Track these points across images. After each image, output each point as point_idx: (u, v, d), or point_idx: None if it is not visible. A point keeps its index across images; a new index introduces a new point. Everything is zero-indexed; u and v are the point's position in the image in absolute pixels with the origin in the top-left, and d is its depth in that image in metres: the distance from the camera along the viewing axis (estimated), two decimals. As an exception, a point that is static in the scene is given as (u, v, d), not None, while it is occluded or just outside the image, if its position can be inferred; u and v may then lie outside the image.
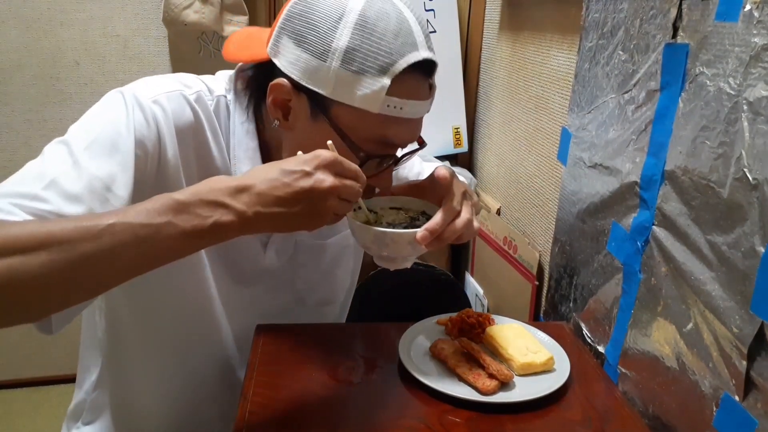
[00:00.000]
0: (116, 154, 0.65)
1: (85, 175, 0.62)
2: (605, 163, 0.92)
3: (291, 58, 0.68)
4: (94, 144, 0.64)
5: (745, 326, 0.62)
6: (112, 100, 0.69)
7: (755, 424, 0.61)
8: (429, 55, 0.68)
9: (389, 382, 0.79)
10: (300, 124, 0.71)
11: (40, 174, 0.60)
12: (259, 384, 0.76)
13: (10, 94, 1.83)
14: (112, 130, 0.65)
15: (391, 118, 0.68)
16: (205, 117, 0.74)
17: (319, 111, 0.69)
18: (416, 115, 0.70)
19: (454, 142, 1.73)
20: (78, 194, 0.60)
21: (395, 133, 0.70)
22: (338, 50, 0.65)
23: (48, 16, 1.79)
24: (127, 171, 0.65)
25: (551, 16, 1.23)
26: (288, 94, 0.70)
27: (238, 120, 0.76)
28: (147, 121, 0.67)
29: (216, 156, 0.76)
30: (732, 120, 0.64)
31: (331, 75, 0.66)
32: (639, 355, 0.83)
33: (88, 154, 0.63)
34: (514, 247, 1.35)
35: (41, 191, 0.58)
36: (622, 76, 0.87)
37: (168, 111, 0.69)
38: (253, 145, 0.77)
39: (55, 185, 0.59)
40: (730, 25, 0.65)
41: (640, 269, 0.82)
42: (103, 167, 0.63)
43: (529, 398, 0.75)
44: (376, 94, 0.65)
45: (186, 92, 0.72)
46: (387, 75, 0.65)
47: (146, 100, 0.68)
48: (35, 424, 1.90)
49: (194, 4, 1.69)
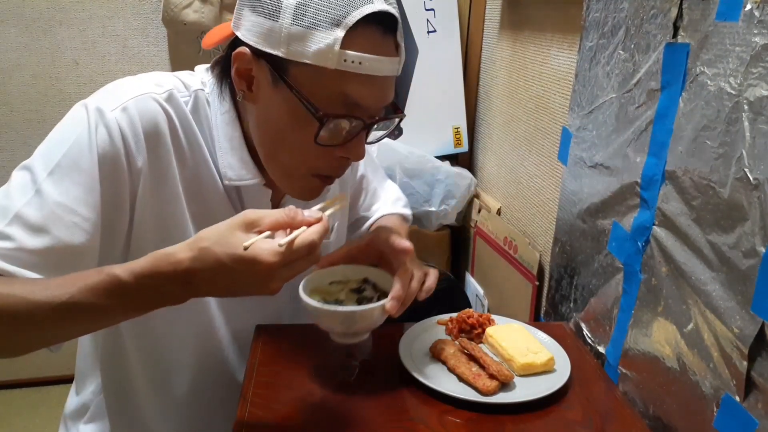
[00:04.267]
0: (79, 176, 0.65)
1: (49, 204, 0.63)
2: (606, 162, 0.92)
3: (248, 24, 0.67)
4: (56, 169, 0.65)
5: (746, 326, 0.62)
6: (75, 118, 0.68)
7: (756, 424, 0.61)
8: (386, 7, 0.66)
9: (389, 382, 0.79)
10: (263, 93, 0.70)
11: (4, 208, 0.63)
12: (259, 384, 0.76)
13: (10, 93, 1.82)
14: (74, 152, 0.66)
15: (349, 74, 0.65)
16: (177, 116, 0.72)
17: (278, 75, 0.67)
18: (378, 72, 0.66)
19: (454, 142, 1.73)
20: (42, 225, 0.63)
21: (356, 91, 0.66)
22: (289, 6, 0.64)
23: (47, 15, 1.79)
24: (93, 191, 0.66)
25: (551, 15, 1.23)
26: (249, 62, 0.69)
27: (219, 111, 0.76)
28: (110, 136, 0.67)
29: (198, 152, 0.75)
30: (733, 120, 0.64)
31: (284, 33, 0.64)
32: (639, 356, 0.83)
33: (51, 180, 0.64)
34: (514, 247, 1.35)
35: (5, 228, 0.61)
36: (622, 75, 0.87)
37: (135, 118, 0.68)
38: (237, 134, 0.76)
39: (18, 219, 0.62)
40: (730, 25, 0.65)
41: (641, 269, 0.82)
42: (68, 191, 0.64)
43: (530, 399, 0.75)
44: (330, 48, 0.63)
45: (155, 93, 0.71)
46: (340, 27, 0.63)
47: (110, 113, 0.67)
48: (34, 424, 1.90)
49: (194, 4, 1.68)
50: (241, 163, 0.76)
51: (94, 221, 0.66)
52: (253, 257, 0.55)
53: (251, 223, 0.57)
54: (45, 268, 0.62)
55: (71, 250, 0.64)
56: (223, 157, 0.76)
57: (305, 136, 0.68)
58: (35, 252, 0.62)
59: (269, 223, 0.58)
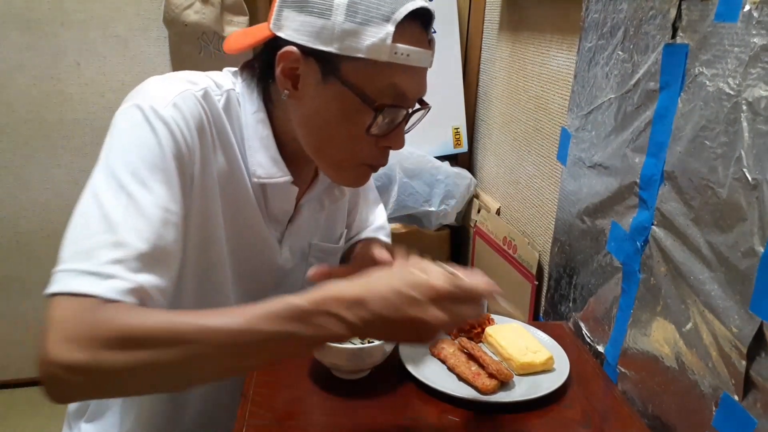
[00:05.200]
0: (159, 174, 0.66)
1: (145, 207, 0.63)
2: (605, 163, 0.92)
3: (295, 25, 0.70)
4: (137, 171, 0.65)
5: (745, 326, 0.62)
6: (133, 120, 0.69)
7: (754, 423, 0.61)
8: (425, 4, 0.70)
9: (389, 382, 0.79)
10: (310, 91, 0.72)
11: (106, 219, 0.61)
12: (259, 384, 0.76)
13: (11, 94, 1.82)
14: (147, 152, 0.66)
15: (399, 66, 0.70)
16: (212, 113, 0.74)
17: (329, 72, 0.70)
18: (421, 63, 0.72)
19: (454, 142, 1.73)
20: (144, 228, 0.62)
21: (405, 82, 0.71)
22: (341, 5, 0.67)
23: (49, 16, 1.79)
24: (173, 186, 0.67)
25: (551, 16, 1.23)
26: (296, 61, 0.71)
27: (249, 111, 0.77)
28: (171, 132, 0.68)
29: (230, 149, 0.76)
30: (731, 120, 0.64)
31: (337, 30, 0.67)
32: (638, 355, 0.83)
33: (136, 183, 0.64)
34: (513, 247, 1.36)
35: (117, 237, 0.60)
36: (621, 76, 0.87)
37: (186, 113, 0.70)
38: (266, 133, 0.78)
39: (125, 226, 0.61)
40: (729, 26, 0.65)
41: (640, 269, 0.83)
42: (153, 191, 0.65)
43: (529, 398, 0.75)
44: (382, 42, 0.67)
45: (193, 90, 0.72)
46: (390, 22, 0.67)
47: (164, 110, 0.69)
48: (35, 424, 1.90)
49: (195, 5, 1.69)
50: (271, 161, 0.78)
51: (180, 214, 0.67)
52: (425, 277, 0.58)
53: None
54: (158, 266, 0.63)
55: (170, 246, 0.65)
56: (253, 155, 0.77)
57: (354, 128, 0.72)
58: (148, 254, 0.62)
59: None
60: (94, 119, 1.87)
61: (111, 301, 0.57)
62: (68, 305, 0.57)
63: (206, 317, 0.57)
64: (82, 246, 0.61)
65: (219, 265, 0.80)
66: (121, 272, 0.59)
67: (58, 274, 0.59)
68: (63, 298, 0.57)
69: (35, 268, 1.98)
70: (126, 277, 0.59)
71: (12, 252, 1.95)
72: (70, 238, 0.62)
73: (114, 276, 0.59)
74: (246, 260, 0.83)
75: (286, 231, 0.86)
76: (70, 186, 1.92)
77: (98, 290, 0.57)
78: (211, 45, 1.73)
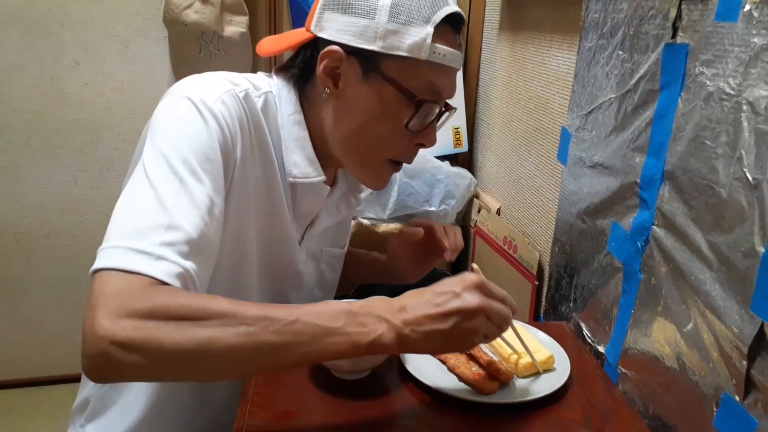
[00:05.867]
0: (209, 165, 0.68)
1: (196, 194, 0.65)
2: (605, 162, 0.92)
3: (338, 26, 0.75)
4: (188, 159, 0.66)
5: (746, 326, 0.62)
6: (184, 110, 0.70)
7: (755, 424, 0.61)
8: (458, 9, 0.76)
9: (389, 382, 0.79)
10: (350, 89, 0.76)
11: (159, 201, 0.62)
12: (259, 384, 0.76)
13: (11, 94, 1.82)
14: (198, 143, 0.68)
15: (436, 65, 0.74)
16: (251, 114, 0.76)
17: (370, 69, 0.74)
18: (455, 64, 0.77)
19: (454, 142, 1.73)
20: (194, 215, 0.64)
21: (442, 80, 0.76)
22: (384, 6, 0.72)
23: (48, 16, 1.79)
24: (219, 179, 0.69)
25: (551, 16, 1.23)
26: (338, 60, 0.75)
27: (286, 112, 0.80)
28: (220, 125, 0.70)
29: (265, 149, 0.78)
30: (732, 120, 0.64)
31: (381, 30, 0.72)
32: (639, 355, 0.83)
33: (187, 170, 0.66)
34: (514, 247, 1.36)
35: (170, 219, 0.61)
36: (621, 76, 0.87)
37: (232, 110, 0.72)
38: (303, 135, 0.80)
39: (178, 211, 0.62)
40: (729, 25, 0.65)
41: (640, 269, 0.82)
42: (204, 181, 0.66)
43: (529, 398, 0.75)
44: (423, 41, 0.73)
45: (236, 90, 0.74)
46: (430, 24, 0.73)
47: (213, 104, 0.70)
48: (35, 424, 1.90)
49: (194, 5, 1.68)
50: (307, 161, 0.81)
51: (221, 207, 0.69)
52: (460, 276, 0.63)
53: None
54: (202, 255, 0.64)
55: (213, 236, 0.66)
56: (289, 156, 0.80)
57: (392, 123, 0.76)
58: (196, 240, 0.62)
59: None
60: (94, 119, 1.87)
61: (161, 282, 0.58)
62: (121, 281, 0.56)
63: (264, 307, 0.59)
64: (134, 225, 0.61)
65: (247, 262, 0.81)
66: (171, 255, 0.59)
67: (107, 250, 0.59)
68: (113, 273, 0.57)
69: (35, 268, 1.98)
70: (176, 261, 0.60)
71: (11, 252, 1.95)
72: (119, 216, 0.62)
73: (165, 258, 0.59)
74: (271, 259, 0.85)
75: (306, 232, 0.89)
76: (70, 186, 1.92)
77: (150, 270, 0.57)
78: (211, 45, 1.73)
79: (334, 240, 0.97)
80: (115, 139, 1.90)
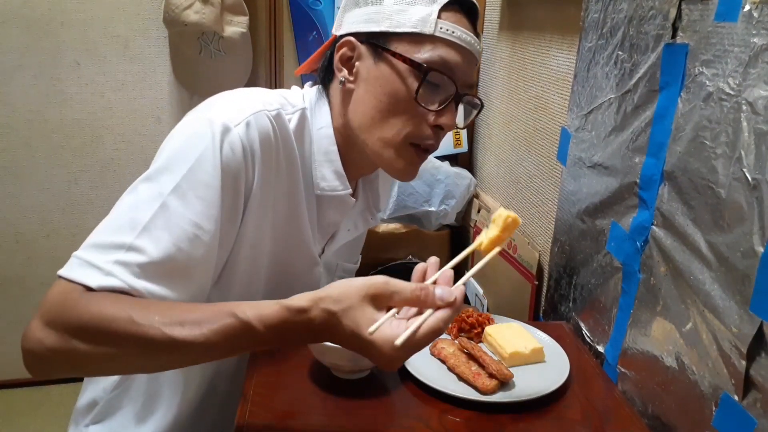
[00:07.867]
0: (204, 190, 0.68)
1: (175, 220, 0.66)
2: (605, 163, 0.92)
3: (353, 19, 0.79)
4: (182, 182, 0.67)
5: (745, 326, 0.62)
6: (199, 133, 0.70)
7: (754, 423, 0.61)
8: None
9: (389, 382, 0.79)
10: (365, 74, 0.78)
11: (133, 221, 0.65)
12: (259, 384, 0.76)
13: (11, 94, 1.82)
14: (199, 167, 0.68)
15: (445, 41, 0.75)
16: (281, 133, 0.77)
17: (380, 50, 0.77)
18: (466, 43, 0.76)
19: (454, 142, 1.73)
20: (165, 239, 0.65)
21: (451, 56, 0.76)
22: None
23: (48, 16, 1.79)
24: (215, 205, 0.69)
25: (551, 16, 1.23)
26: (351, 48, 0.78)
27: (317, 126, 0.82)
28: (234, 152, 0.70)
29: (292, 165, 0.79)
30: (731, 120, 0.64)
31: (388, 11, 0.76)
32: (638, 355, 0.83)
33: (176, 194, 0.66)
34: (513, 247, 1.36)
35: (135, 240, 0.64)
36: (621, 76, 0.87)
37: (255, 133, 0.73)
38: (332, 149, 0.82)
39: (147, 233, 0.64)
40: (729, 26, 0.65)
41: (640, 269, 0.83)
42: (192, 206, 0.67)
43: (529, 398, 0.75)
44: (428, 16, 0.75)
45: (267, 110, 0.75)
46: (435, 3, 0.75)
47: (235, 128, 0.71)
48: (36, 424, 1.90)
49: (195, 5, 1.68)
50: (335, 174, 0.83)
51: (213, 233, 0.69)
52: (376, 346, 0.58)
53: (383, 299, 0.59)
54: (167, 279, 0.65)
55: (192, 262, 0.67)
56: (317, 168, 0.82)
57: (406, 98, 0.76)
58: (160, 264, 0.64)
59: (400, 302, 0.60)
60: (94, 119, 1.87)
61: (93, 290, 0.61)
62: (60, 289, 0.62)
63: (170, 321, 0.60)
64: (101, 239, 0.64)
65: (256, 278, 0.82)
66: (121, 273, 0.62)
67: (73, 258, 0.64)
68: (62, 281, 0.62)
69: (35, 268, 1.98)
70: (124, 279, 0.62)
71: (12, 252, 1.95)
72: (99, 228, 0.66)
73: (113, 275, 0.62)
74: (285, 272, 0.85)
75: (326, 246, 0.90)
76: (70, 186, 1.92)
77: (89, 281, 0.61)
78: (211, 45, 1.73)
79: (348, 255, 1.00)
80: (115, 139, 1.90)
